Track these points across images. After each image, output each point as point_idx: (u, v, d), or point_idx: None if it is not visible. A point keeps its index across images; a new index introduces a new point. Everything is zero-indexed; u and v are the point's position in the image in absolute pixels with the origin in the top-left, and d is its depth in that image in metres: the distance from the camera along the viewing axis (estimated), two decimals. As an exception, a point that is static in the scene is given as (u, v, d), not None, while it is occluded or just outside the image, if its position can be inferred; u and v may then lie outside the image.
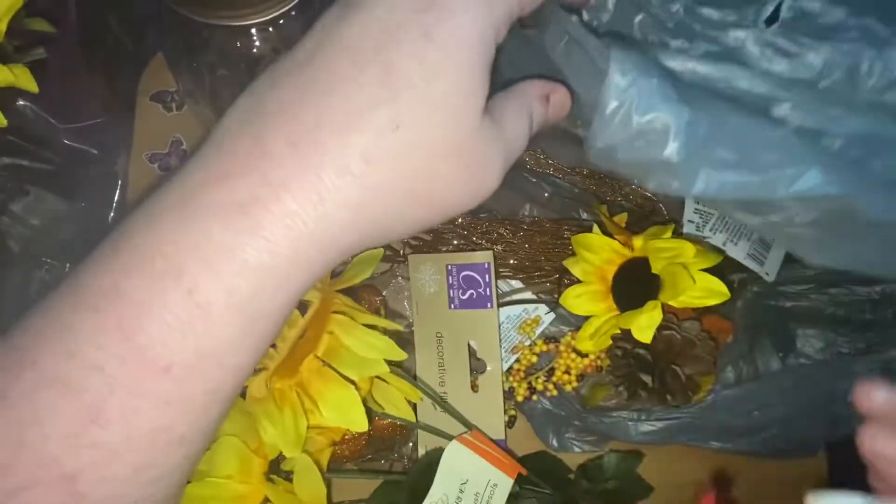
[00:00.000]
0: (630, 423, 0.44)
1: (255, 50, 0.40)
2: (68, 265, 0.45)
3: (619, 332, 0.39)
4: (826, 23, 0.27)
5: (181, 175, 0.22)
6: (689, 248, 0.37)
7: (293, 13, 0.37)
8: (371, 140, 0.22)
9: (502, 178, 0.25)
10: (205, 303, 0.20)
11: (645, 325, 0.37)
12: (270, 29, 0.38)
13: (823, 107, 0.26)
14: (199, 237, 0.21)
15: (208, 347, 0.21)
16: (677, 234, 0.41)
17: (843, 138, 0.26)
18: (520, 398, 0.46)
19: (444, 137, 0.22)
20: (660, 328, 0.37)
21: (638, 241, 0.39)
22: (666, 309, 0.38)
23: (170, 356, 0.20)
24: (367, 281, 0.40)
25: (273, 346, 0.37)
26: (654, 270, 0.38)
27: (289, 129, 0.22)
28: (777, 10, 0.27)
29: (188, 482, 0.36)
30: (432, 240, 0.47)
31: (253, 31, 0.38)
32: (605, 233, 0.41)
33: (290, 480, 0.37)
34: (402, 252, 0.47)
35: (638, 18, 0.29)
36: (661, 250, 0.37)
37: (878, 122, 0.26)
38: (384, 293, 0.46)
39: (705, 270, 0.37)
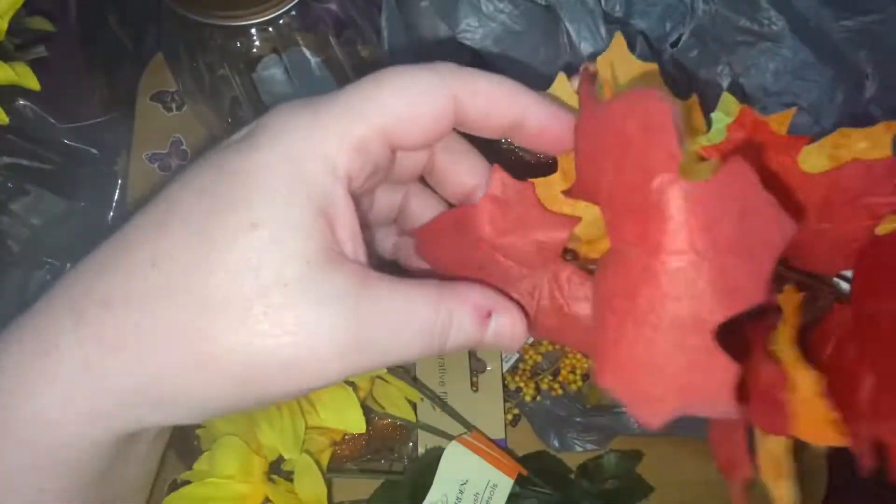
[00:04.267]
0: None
1: (255, 50, 0.40)
2: (68, 265, 0.45)
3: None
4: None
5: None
6: None
7: (293, 13, 0.37)
8: (119, 279, 0.19)
9: (342, 374, 0.19)
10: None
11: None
12: (270, 29, 0.38)
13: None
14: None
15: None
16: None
17: None
18: (528, 398, 0.46)
19: (221, 282, 0.19)
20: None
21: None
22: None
23: None
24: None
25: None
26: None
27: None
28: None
29: (188, 483, 0.36)
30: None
31: (253, 31, 0.38)
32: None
33: (291, 480, 0.37)
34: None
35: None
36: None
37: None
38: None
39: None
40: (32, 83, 0.35)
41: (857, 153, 0.18)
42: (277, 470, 0.38)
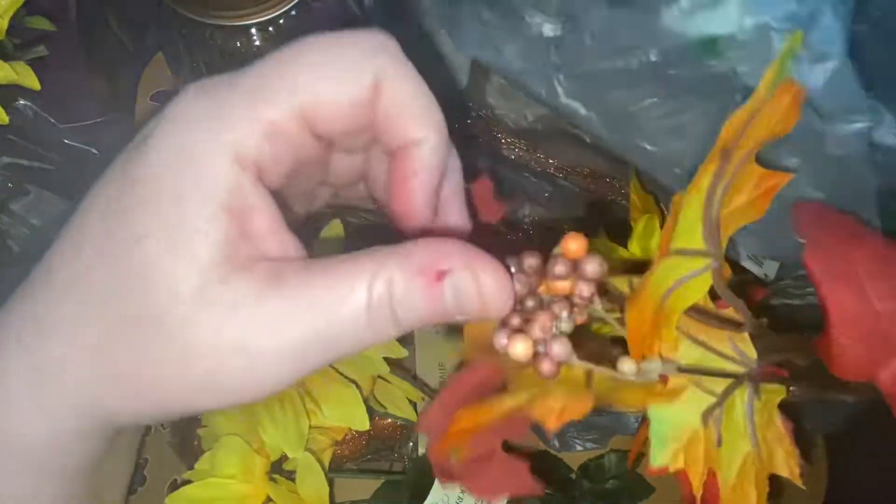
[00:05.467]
0: (631, 415, 0.44)
1: (255, 50, 0.40)
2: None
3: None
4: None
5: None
6: None
7: (293, 13, 0.37)
8: (43, 307, 0.19)
9: (273, 384, 0.18)
10: None
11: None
12: (270, 29, 0.38)
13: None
14: None
15: None
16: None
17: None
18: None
19: (123, 302, 0.17)
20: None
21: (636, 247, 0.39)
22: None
23: None
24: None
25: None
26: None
27: None
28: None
29: (189, 482, 0.36)
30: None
31: (253, 31, 0.38)
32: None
33: (293, 480, 0.37)
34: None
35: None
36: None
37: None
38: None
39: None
40: (32, 82, 0.35)
41: None
42: (279, 469, 0.38)
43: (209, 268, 0.17)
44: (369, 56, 0.18)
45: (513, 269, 0.19)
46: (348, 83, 0.18)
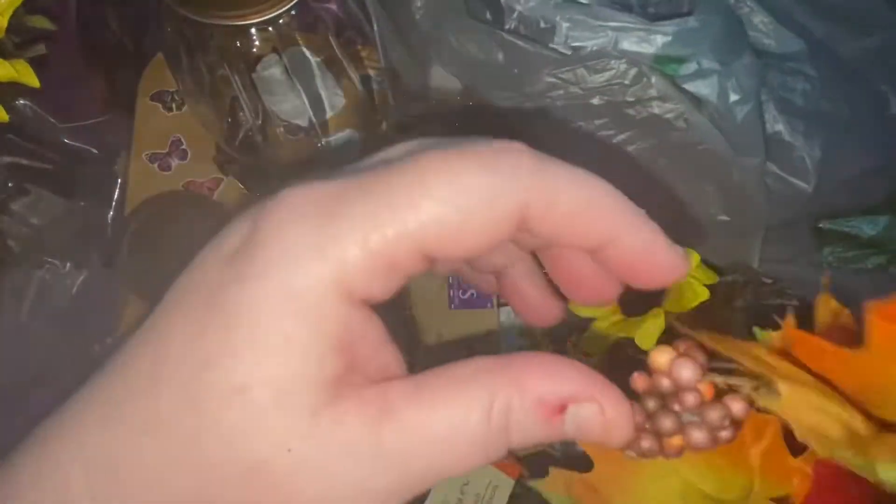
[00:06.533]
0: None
1: (254, 50, 0.40)
2: (68, 265, 0.45)
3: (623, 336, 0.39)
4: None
5: None
6: (692, 259, 0.37)
7: (293, 13, 0.37)
8: (117, 447, 0.17)
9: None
10: None
11: (648, 333, 0.37)
12: (270, 29, 0.38)
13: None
14: None
15: None
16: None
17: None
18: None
19: (216, 453, 0.16)
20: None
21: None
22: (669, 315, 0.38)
23: None
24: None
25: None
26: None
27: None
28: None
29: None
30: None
31: (253, 31, 0.38)
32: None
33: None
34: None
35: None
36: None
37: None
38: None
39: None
40: (32, 80, 0.35)
41: None
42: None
43: (320, 413, 0.16)
44: (516, 181, 0.16)
45: None
46: (484, 216, 0.16)
